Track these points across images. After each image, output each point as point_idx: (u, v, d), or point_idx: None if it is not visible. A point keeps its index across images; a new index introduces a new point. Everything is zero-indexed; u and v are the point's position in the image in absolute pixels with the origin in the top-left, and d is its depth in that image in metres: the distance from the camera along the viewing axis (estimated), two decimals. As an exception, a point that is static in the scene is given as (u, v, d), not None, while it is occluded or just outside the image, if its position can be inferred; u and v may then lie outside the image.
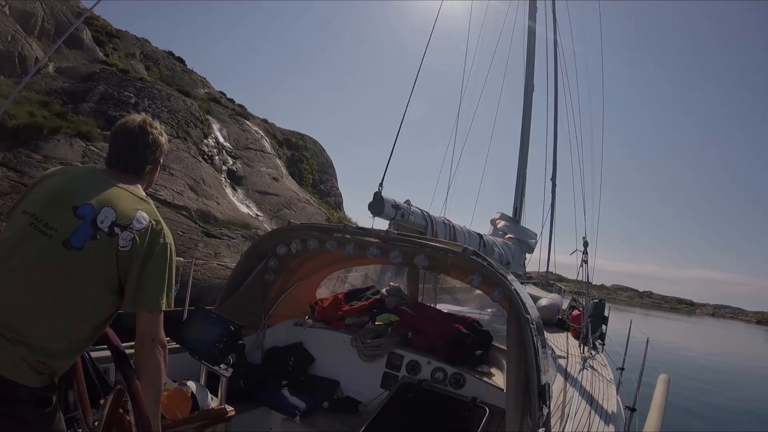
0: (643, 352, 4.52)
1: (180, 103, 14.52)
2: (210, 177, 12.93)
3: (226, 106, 19.19)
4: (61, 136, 9.57)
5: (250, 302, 3.35)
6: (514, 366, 2.19)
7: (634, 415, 3.89)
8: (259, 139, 18.35)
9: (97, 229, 1.38)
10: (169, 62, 19.98)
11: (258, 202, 14.21)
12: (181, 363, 2.57)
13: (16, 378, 1.28)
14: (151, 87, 14.03)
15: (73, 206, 1.38)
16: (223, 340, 2.05)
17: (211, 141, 15.11)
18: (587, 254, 5.72)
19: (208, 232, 10.09)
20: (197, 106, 15.67)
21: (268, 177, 16.01)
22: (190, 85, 18.93)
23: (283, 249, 3.20)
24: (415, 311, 3.65)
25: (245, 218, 12.36)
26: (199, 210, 10.80)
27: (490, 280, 2.45)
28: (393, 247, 2.76)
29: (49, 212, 1.39)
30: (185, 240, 9.22)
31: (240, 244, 10.29)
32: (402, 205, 3.75)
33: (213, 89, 21.23)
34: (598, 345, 6.01)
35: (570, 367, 4.20)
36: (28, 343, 1.30)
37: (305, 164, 20.93)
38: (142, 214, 1.45)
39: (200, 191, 11.68)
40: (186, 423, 1.89)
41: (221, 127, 16.52)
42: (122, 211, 1.42)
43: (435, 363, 3.15)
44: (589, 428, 3.02)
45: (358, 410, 3.12)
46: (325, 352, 3.56)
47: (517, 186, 6.75)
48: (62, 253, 1.34)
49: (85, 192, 1.42)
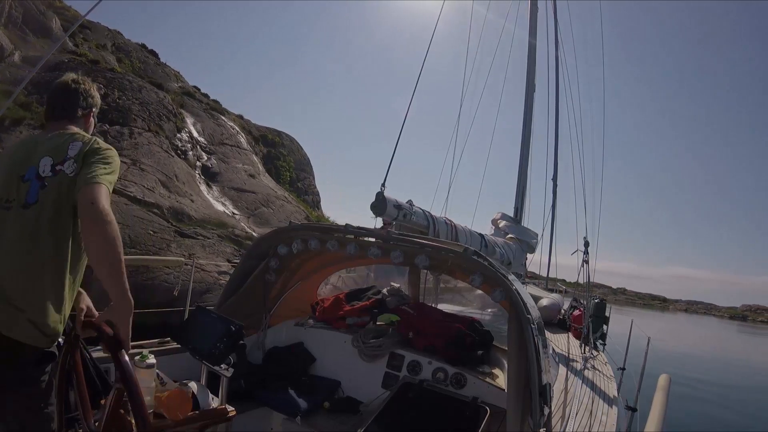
0: (644, 352, 4.52)
1: (152, 95, 13.81)
2: (183, 173, 12.28)
3: (201, 101, 18.37)
4: (23, 127, 9.18)
5: (251, 302, 3.35)
6: (515, 366, 2.18)
7: (635, 415, 3.88)
8: (235, 134, 17.60)
9: (42, 179, 1.54)
10: (141, 55, 19.02)
11: (234, 199, 13.62)
12: (181, 363, 2.57)
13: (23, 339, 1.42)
14: (121, 78, 13.36)
15: (19, 176, 1.56)
16: (224, 340, 2.05)
17: (184, 135, 14.41)
18: (588, 254, 5.72)
19: (182, 232, 9.43)
20: (170, 99, 14.92)
21: (245, 173, 15.35)
22: (163, 78, 17.92)
23: (284, 249, 3.19)
24: (416, 311, 3.65)
25: (221, 216, 11.73)
26: (171, 208, 10.11)
27: (491, 280, 2.44)
28: (394, 247, 2.76)
29: (6, 189, 1.56)
30: (156, 240, 8.57)
31: (216, 245, 9.72)
32: (404, 205, 3.74)
33: (187, 83, 20.19)
34: (599, 345, 6.01)
35: (571, 367, 4.20)
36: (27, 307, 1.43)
37: (282, 161, 20.29)
38: (75, 143, 1.60)
39: (173, 188, 11.01)
40: (187, 423, 1.89)
41: (195, 121, 15.83)
42: (57, 152, 1.58)
43: (436, 363, 3.15)
44: (590, 428, 3.01)
45: (359, 410, 3.12)
46: (325, 352, 3.56)
47: (518, 186, 6.74)
48: (24, 214, 1.50)
49: (25, 158, 1.60)
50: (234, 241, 10.41)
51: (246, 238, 10.78)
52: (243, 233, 11.24)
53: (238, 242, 10.45)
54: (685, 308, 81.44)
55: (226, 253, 9.40)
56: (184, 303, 4.47)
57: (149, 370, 1.83)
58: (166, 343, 2.86)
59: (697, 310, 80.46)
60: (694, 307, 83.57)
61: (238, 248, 9.97)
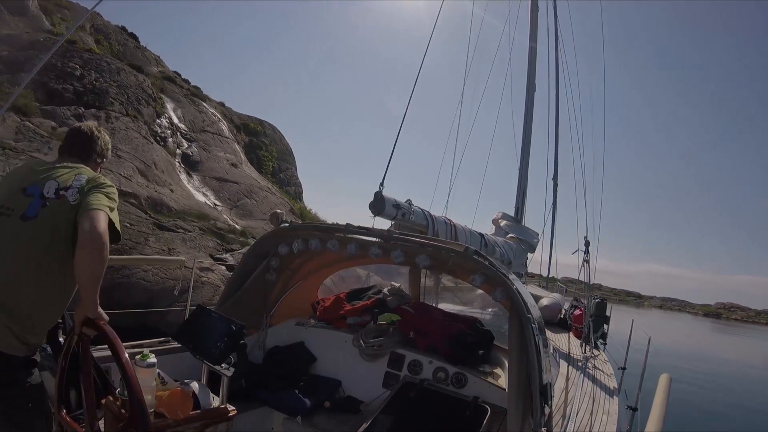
0: (645, 352, 4.52)
1: (131, 78, 13.08)
2: (162, 160, 11.60)
3: (181, 86, 17.64)
4: (-8, 107, 8.55)
5: (252, 302, 3.35)
6: (516, 365, 2.18)
7: (636, 414, 3.88)
8: (217, 121, 16.84)
9: (45, 198, 1.67)
10: (121, 37, 18.01)
11: (216, 190, 12.93)
12: (182, 363, 2.57)
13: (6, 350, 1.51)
14: (99, 59, 12.62)
15: (22, 188, 1.69)
16: (225, 339, 2.05)
17: (164, 121, 13.71)
18: (588, 254, 5.72)
19: (161, 224, 8.67)
20: (150, 83, 14.18)
21: (227, 163, 14.63)
22: (143, 62, 17.03)
23: (285, 248, 3.19)
24: (417, 311, 3.65)
25: (202, 208, 11.00)
26: (149, 198, 9.44)
27: (491, 279, 2.44)
28: (394, 247, 2.75)
29: (6, 198, 1.68)
30: (133, 233, 7.83)
31: (197, 238, 8.98)
32: (403, 204, 3.74)
33: (167, 68, 19.32)
34: (599, 344, 6.01)
35: (572, 367, 4.20)
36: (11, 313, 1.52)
37: (264, 151, 19.43)
38: (81, 176, 1.75)
39: (151, 176, 10.36)
40: (187, 422, 1.89)
41: (176, 107, 15.05)
42: (63, 180, 1.72)
43: (436, 362, 3.15)
44: (590, 428, 3.01)
45: (360, 410, 3.12)
46: (326, 352, 3.56)
47: (518, 185, 6.73)
48: (20, 224, 1.62)
49: (30, 177, 1.73)
50: (216, 235, 9.69)
51: (229, 231, 10.15)
52: (226, 226, 10.52)
53: (221, 235, 9.74)
54: (660, 305, 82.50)
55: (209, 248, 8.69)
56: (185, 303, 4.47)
57: (150, 370, 1.84)
58: (167, 343, 2.86)
59: (671, 307, 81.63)
60: (669, 304, 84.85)
61: (221, 242, 9.33)
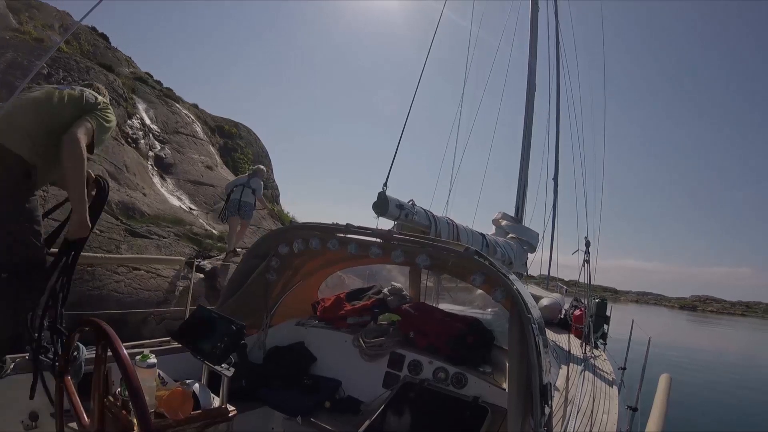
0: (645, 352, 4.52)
1: (101, 77, 12.57)
2: (134, 163, 11.12)
3: (154, 87, 17.22)
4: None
5: (252, 302, 3.35)
6: (516, 366, 2.18)
7: (636, 414, 3.88)
8: (191, 123, 16.40)
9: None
10: (91, 38, 17.43)
11: (191, 193, 12.45)
12: (182, 362, 2.57)
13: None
14: (68, 58, 12.20)
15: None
16: (225, 339, 2.05)
17: (135, 122, 13.27)
18: (589, 254, 5.71)
19: (133, 230, 8.30)
20: (121, 82, 13.77)
21: (202, 165, 14.17)
22: (114, 62, 16.55)
23: (285, 248, 3.20)
24: (417, 311, 3.65)
25: (177, 212, 10.55)
26: (121, 202, 9.05)
27: (492, 279, 2.44)
28: (395, 247, 2.76)
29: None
30: (104, 241, 7.39)
31: (173, 244, 8.61)
32: (406, 205, 3.74)
33: (138, 69, 18.91)
34: (599, 344, 6.01)
35: (572, 367, 4.20)
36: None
37: (239, 153, 19.11)
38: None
39: (122, 180, 9.90)
40: (188, 422, 1.89)
41: (148, 107, 14.61)
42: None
43: (437, 362, 3.15)
44: (590, 428, 3.01)
45: (360, 410, 3.12)
46: (326, 352, 3.56)
47: (519, 185, 6.73)
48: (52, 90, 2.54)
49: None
50: (193, 240, 9.34)
51: (206, 236, 9.85)
52: (202, 231, 10.19)
53: (198, 241, 9.40)
54: (636, 299, 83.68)
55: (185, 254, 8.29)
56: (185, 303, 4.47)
57: (150, 370, 1.84)
58: (167, 343, 2.86)
59: (647, 301, 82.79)
60: (645, 298, 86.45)
61: (198, 248, 9.01)
